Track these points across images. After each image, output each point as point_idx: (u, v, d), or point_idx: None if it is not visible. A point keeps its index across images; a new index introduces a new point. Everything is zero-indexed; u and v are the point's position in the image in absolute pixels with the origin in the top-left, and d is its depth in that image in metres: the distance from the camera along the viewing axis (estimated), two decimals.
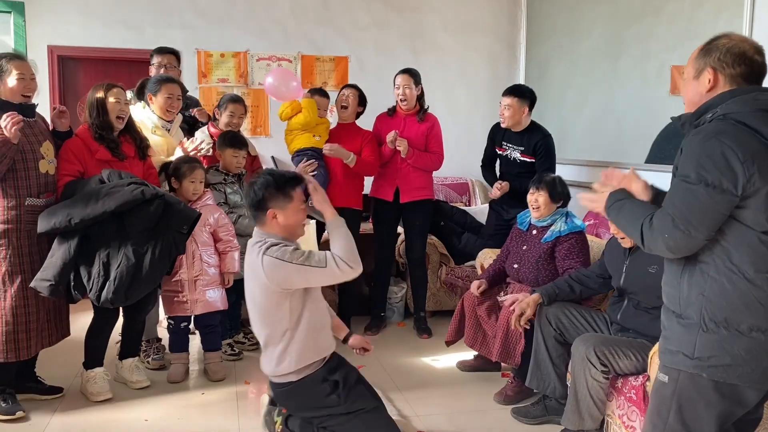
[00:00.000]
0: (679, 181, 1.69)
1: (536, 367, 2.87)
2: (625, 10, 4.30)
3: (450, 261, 4.49)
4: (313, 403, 2.43)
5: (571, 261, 3.10)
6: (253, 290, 2.41)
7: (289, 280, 2.30)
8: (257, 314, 2.45)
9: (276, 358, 2.41)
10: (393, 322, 4.41)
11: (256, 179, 2.41)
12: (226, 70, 5.16)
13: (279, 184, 2.35)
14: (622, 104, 4.37)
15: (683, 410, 1.74)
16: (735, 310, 1.66)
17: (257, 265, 2.31)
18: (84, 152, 3.00)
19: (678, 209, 1.66)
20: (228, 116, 3.72)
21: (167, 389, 3.23)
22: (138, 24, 4.98)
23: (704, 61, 1.76)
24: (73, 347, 3.22)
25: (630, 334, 2.65)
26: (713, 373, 1.69)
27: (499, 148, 4.07)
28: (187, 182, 3.29)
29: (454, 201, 5.18)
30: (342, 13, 5.34)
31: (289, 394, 2.46)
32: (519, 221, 3.40)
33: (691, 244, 1.67)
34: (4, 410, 2.83)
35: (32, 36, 4.79)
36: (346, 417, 2.40)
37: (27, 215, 2.78)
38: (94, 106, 3.02)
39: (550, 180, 3.21)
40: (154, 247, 2.85)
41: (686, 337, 1.73)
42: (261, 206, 2.35)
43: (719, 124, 1.66)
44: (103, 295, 2.80)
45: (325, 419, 2.43)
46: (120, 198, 2.75)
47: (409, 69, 4.04)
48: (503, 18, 5.65)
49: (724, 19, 3.41)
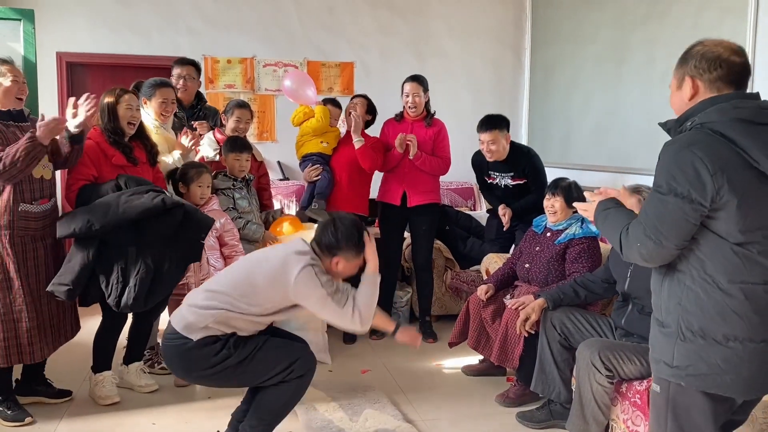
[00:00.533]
0: (653, 191, 1.71)
1: (541, 372, 2.87)
2: (629, 14, 4.31)
3: (455, 265, 4.50)
4: (204, 362, 2.34)
5: (578, 265, 3.10)
6: (266, 267, 2.36)
7: (306, 300, 2.33)
8: (231, 285, 2.37)
9: (199, 317, 2.32)
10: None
11: (343, 221, 2.41)
12: (233, 76, 5.20)
13: (359, 242, 2.40)
14: (627, 109, 4.38)
15: (678, 418, 1.76)
16: (710, 320, 1.67)
17: (296, 264, 2.30)
18: (100, 156, 3.02)
19: (649, 219, 1.69)
20: (234, 122, 3.76)
21: (174, 394, 3.25)
22: (145, 30, 5.03)
23: (683, 71, 1.77)
24: (81, 351, 3.24)
25: (634, 339, 2.65)
26: (691, 382, 1.70)
27: (488, 177, 4.05)
28: (195, 186, 3.32)
29: (459, 206, 5.19)
30: (347, 20, 5.38)
31: (180, 351, 2.36)
32: (534, 224, 3.42)
33: (663, 253, 1.68)
34: (11, 418, 2.84)
35: (41, 43, 4.83)
36: (244, 363, 2.34)
37: (20, 221, 2.74)
38: (106, 111, 3.04)
39: (566, 185, 3.22)
40: (172, 255, 2.89)
41: (666, 346, 1.74)
42: (331, 251, 2.39)
43: (694, 134, 1.67)
44: (123, 300, 2.83)
45: (219, 377, 2.37)
46: (141, 206, 2.79)
47: (418, 76, 4.06)
48: (508, 23, 5.67)
49: (729, 23, 3.42)
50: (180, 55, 5.00)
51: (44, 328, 2.86)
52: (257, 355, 2.37)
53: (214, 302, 2.34)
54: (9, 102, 2.78)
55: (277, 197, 4.71)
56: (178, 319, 2.39)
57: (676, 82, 1.80)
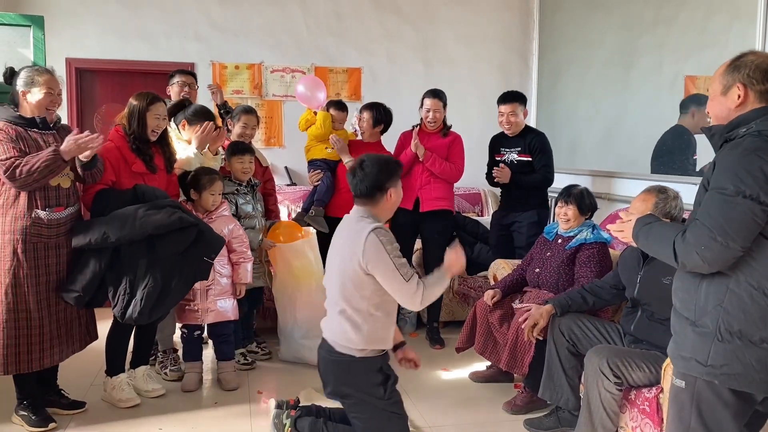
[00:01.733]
0: (715, 193, 1.71)
1: (549, 379, 2.85)
2: (637, 19, 4.30)
3: (462, 271, 4.48)
4: (361, 385, 2.42)
5: (586, 269, 3.09)
6: (344, 256, 2.41)
7: (376, 268, 2.34)
8: (338, 285, 2.43)
9: (347, 328, 2.40)
10: (405, 333, 4.41)
11: (365, 164, 2.44)
12: (241, 81, 5.22)
13: (390, 164, 2.48)
14: (635, 114, 4.36)
15: (703, 414, 1.78)
16: (751, 323, 1.70)
17: (361, 236, 2.33)
18: (120, 162, 3.02)
19: (715, 221, 1.68)
20: (241, 127, 3.77)
21: (181, 399, 3.25)
22: (153, 37, 5.07)
23: (732, 77, 1.79)
24: (88, 356, 3.25)
25: (643, 345, 2.63)
26: (725, 381, 1.73)
27: (497, 155, 4.14)
28: (207, 194, 3.33)
29: (467, 211, 5.18)
30: (355, 25, 5.39)
31: (340, 366, 2.44)
32: (546, 231, 3.41)
33: (727, 255, 1.69)
34: (35, 423, 2.84)
35: (51, 49, 4.85)
36: (380, 413, 2.41)
37: (33, 227, 2.73)
38: (135, 116, 3.04)
39: (578, 193, 3.21)
40: (181, 272, 2.91)
41: (700, 345, 1.76)
42: (382, 187, 2.43)
43: (756, 141, 1.70)
44: (128, 312, 2.86)
45: (357, 405, 2.43)
46: (157, 221, 2.81)
47: (437, 92, 4.08)
48: (515, 28, 5.66)
49: (738, 29, 3.40)
50: (189, 61, 5.08)
51: (53, 336, 2.84)
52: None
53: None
54: (39, 112, 2.78)
55: (284, 202, 4.72)
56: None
57: (721, 88, 1.82)
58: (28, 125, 2.75)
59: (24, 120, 2.74)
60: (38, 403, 2.91)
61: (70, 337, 2.93)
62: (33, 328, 2.77)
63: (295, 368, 3.64)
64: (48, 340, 2.82)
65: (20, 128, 2.71)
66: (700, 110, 3.73)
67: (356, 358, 2.41)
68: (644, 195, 2.67)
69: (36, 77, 2.75)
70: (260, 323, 4.16)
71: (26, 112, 2.77)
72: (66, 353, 2.93)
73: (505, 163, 4.07)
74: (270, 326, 4.11)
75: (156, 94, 3.13)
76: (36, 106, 2.76)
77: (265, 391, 3.35)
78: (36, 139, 2.75)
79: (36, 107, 2.76)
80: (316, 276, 3.60)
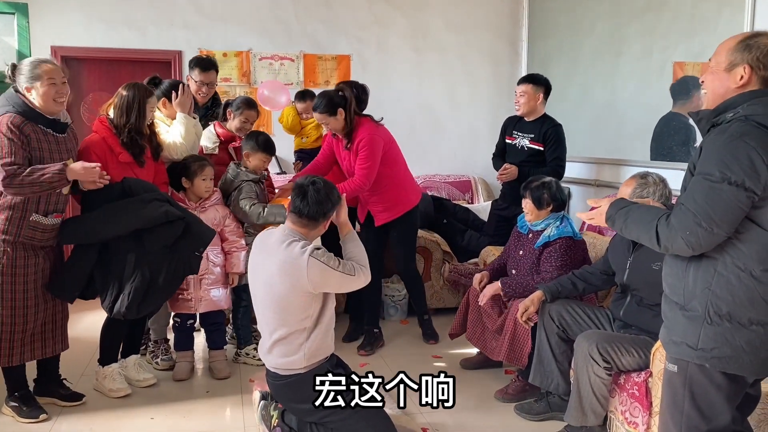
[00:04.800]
0: (700, 179, 1.71)
1: (539, 364, 2.88)
2: (626, 6, 4.30)
3: (453, 258, 4.50)
4: (315, 397, 2.39)
5: (548, 265, 3.09)
6: (280, 287, 2.38)
7: (328, 285, 2.40)
8: (276, 311, 2.42)
9: (287, 352, 2.42)
10: (396, 320, 4.42)
11: (319, 187, 2.42)
12: (229, 69, 5.18)
13: (338, 198, 2.51)
14: (625, 101, 4.37)
15: (696, 397, 1.80)
16: (739, 305, 1.71)
17: (298, 265, 2.32)
18: (107, 153, 2.95)
19: (700, 207, 1.68)
20: (241, 122, 3.61)
21: (172, 388, 3.25)
22: (141, 24, 5.00)
23: (741, 56, 1.75)
24: (79, 347, 3.24)
25: (633, 330, 2.66)
26: (716, 364, 1.74)
27: (509, 137, 4.09)
28: (199, 180, 3.30)
29: (457, 199, 5.18)
30: (344, 12, 5.35)
31: (290, 386, 2.45)
32: (519, 224, 3.39)
33: (712, 240, 1.70)
34: (26, 414, 2.83)
35: (36, 37, 4.81)
36: (349, 413, 2.40)
37: (27, 230, 2.69)
38: (133, 108, 2.95)
39: (534, 186, 3.17)
40: (169, 266, 2.88)
41: (691, 329, 1.77)
42: (327, 215, 2.46)
43: (743, 126, 1.68)
44: (116, 307, 2.85)
45: (324, 416, 2.43)
46: (144, 216, 2.79)
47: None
48: (505, 16, 5.65)
49: (727, 15, 3.41)
50: (177, 48, 5.02)
51: (33, 333, 2.82)
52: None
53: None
54: (50, 105, 2.65)
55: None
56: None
57: (726, 64, 1.77)
58: (46, 124, 2.68)
59: (34, 113, 2.65)
60: (29, 394, 2.91)
61: (49, 338, 2.91)
62: (17, 325, 2.75)
63: None
64: (29, 336, 2.81)
65: (30, 123, 2.62)
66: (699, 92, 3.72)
67: (302, 374, 2.42)
68: (627, 181, 2.71)
69: (36, 70, 2.63)
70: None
71: (35, 107, 2.67)
72: (46, 351, 2.90)
73: (515, 147, 4.03)
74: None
75: (149, 86, 3.09)
76: (43, 100, 2.64)
77: (257, 380, 3.35)
78: (51, 141, 2.69)
79: (43, 101, 2.64)
80: None
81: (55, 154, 2.71)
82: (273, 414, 2.62)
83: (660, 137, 3.91)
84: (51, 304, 2.87)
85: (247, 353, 3.62)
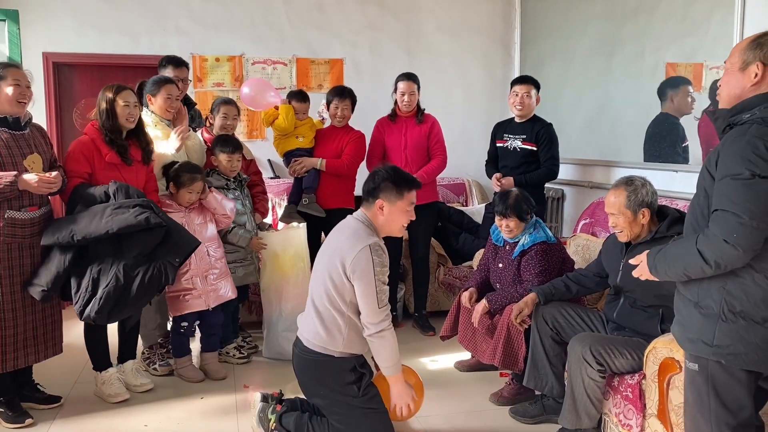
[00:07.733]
0: (729, 180, 1.70)
1: (533, 367, 2.87)
2: (619, 8, 4.31)
3: (447, 261, 4.49)
4: (334, 384, 2.47)
5: (527, 273, 3.10)
6: (332, 255, 2.46)
7: (358, 279, 2.39)
8: (322, 281, 2.48)
9: (328, 329, 2.45)
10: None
11: (380, 168, 2.55)
12: (222, 74, 5.17)
13: (396, 180, 2.50)
14: (618, 102, 4.38)
15: (721, 394, 1.81)
16: (753, 305, 1.73)
17: (357, 243, 2.39)
18: (93, 153, 2.98)
19: (739, 205, 1.68)
20: (221, 118, 3.69)
21: (166, 394, 3.24)
22: (133, 30, 4.99)
23: (754, 54, 1.77)
24: (70, 354, 3.22)
25: (626, 332, 2.66)
26: (731, 361, 1.76)
27: (499, 141, 4.13)
28: (185, 192, 3.30)
29: (451, 201, 5.18)
30: (337, 16, 5.35)
31: (314, 364, 2.50)
32: (494, 238, 3.37)
33: (759, 236, 1.68)
34: (11, 419, 2.84)
35: (27, 43, 4.79)
36: (356, 410, 2.45)
37: (6, 228, 2.70)
38: (104, 109, 3.00)
39: (514, 203, 3.13)
40: (144, 273, 2.83)
41: (706, 326, 1.79)
42: (373, 194, 2.50)
43: (761, 128, 1.70)
44: (87, 311, 2.79)
45: (332, 405, 2.48)
46: (124, 221, 2.76)
47: (411, 75, 4.11)
48: (497, 18, 5.66)
49: (717, 16, 3.42)
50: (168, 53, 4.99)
51: (25, 338, 2.81)
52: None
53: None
54: (11, 107, 2.72)
55: (267, 195, 4.69)
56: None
57: (740, 63, 1.80)
58: None
59: None
60: (14, 400, 2.89)
61: (41, 342, 2.90)
62: (7, 329, 2.75)
63: (280, 362, 3.63)
64: (21, 340, 2.80)
65: None
66: (677, 93, 3.76)
67: (334, 358, 2.46)
68: (614, 191, 2.63)
69: (0, 72, 2.70)
70: (245, 317, 4.15)
71: None
72: (39, 356, 2.90)
73: (507, 150, 4.06)
74: (255, 320, 4.10)
75: (120, 84, 3.08)
76: (6, 102, 2.70)
77: (251, 385, 3.34)
78: (8, 140, 2.71)
79: (6, 102, 2.70)
80: (304, 267, 3.61)
81: (14, 149, 2.72)
82: (271, 417, 2.63)
83: (653, 138, 3.91)
84: (41, 307, 2.86)
85: (227, 352, 3.69)
